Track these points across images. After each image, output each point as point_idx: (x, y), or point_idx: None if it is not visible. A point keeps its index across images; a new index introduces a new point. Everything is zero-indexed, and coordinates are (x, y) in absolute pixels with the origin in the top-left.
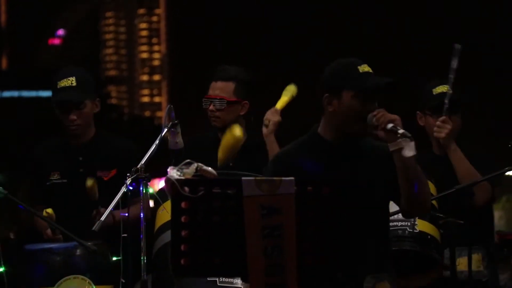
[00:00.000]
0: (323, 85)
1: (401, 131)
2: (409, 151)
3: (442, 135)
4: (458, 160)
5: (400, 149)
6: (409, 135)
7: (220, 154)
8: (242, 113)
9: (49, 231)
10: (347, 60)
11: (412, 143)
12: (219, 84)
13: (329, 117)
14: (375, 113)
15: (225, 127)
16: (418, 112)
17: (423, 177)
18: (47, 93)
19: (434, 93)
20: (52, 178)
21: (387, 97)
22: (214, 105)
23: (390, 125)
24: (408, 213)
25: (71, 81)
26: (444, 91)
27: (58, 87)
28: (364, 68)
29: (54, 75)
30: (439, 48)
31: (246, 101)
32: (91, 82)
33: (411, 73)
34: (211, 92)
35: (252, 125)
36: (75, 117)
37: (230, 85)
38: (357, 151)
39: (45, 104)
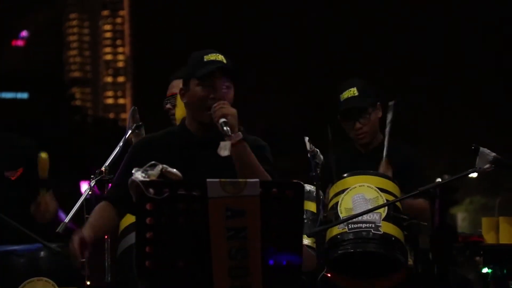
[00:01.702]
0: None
1: (226, 128)
2: (224, 150)
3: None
4: None
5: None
6: (229, 133)
7: (177, 112)
8: None
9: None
10: (198, 51)
11: (227, 143)
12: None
13: (186, 109)
14: (215, 104)
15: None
16: (338, 116)
17: (263, 173)
18: (10, 95)
19: (341, 99)
20: None
21: None
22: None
23: (221, 120)
24: None
25: None
26: (351, 95)
27: None
28: (211, 57)
29: None
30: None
31: None
32: None
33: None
34: (175, 90)
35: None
36: None
37: None
38: (215, 145)
39: (8, 105)
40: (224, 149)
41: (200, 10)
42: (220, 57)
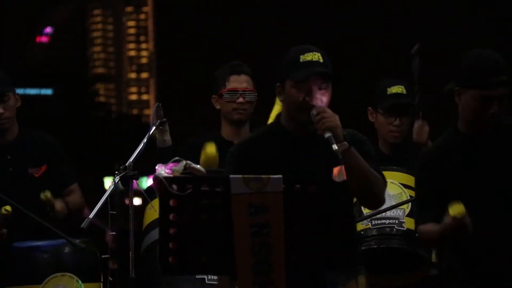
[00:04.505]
0: (275, 74)
1: (335, 147)
2: (339, 176)
3: (423, 139)
4: None
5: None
6: (341, 157)
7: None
8: None
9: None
10: (295, 48)
11: (342, 168)
12: (244, 77)
13: (283, 107)
14: (315, 113)
15: (247, 121)
16: (369, 108)
17: (371, 172)
18: (35, 91)
19: (388, 93)
20: None
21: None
22: (244, 98)
23: (327, 135)
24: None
25: None
26: (399, 92)
27: None
28: (307, 57)
29: None
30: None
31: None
32: (7, 77)
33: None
34: (237, 85)
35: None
36: (2, 110)
37: (250, 79)
38: (315, 143)
39: (32, 101)
40: (339, 175)
41: (224, 5)
42: (316, 56)
